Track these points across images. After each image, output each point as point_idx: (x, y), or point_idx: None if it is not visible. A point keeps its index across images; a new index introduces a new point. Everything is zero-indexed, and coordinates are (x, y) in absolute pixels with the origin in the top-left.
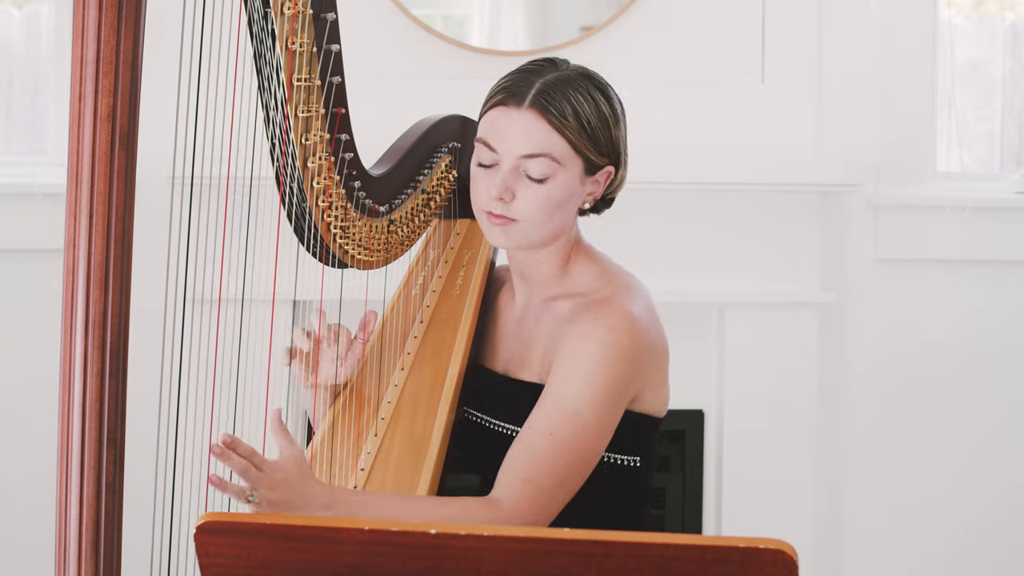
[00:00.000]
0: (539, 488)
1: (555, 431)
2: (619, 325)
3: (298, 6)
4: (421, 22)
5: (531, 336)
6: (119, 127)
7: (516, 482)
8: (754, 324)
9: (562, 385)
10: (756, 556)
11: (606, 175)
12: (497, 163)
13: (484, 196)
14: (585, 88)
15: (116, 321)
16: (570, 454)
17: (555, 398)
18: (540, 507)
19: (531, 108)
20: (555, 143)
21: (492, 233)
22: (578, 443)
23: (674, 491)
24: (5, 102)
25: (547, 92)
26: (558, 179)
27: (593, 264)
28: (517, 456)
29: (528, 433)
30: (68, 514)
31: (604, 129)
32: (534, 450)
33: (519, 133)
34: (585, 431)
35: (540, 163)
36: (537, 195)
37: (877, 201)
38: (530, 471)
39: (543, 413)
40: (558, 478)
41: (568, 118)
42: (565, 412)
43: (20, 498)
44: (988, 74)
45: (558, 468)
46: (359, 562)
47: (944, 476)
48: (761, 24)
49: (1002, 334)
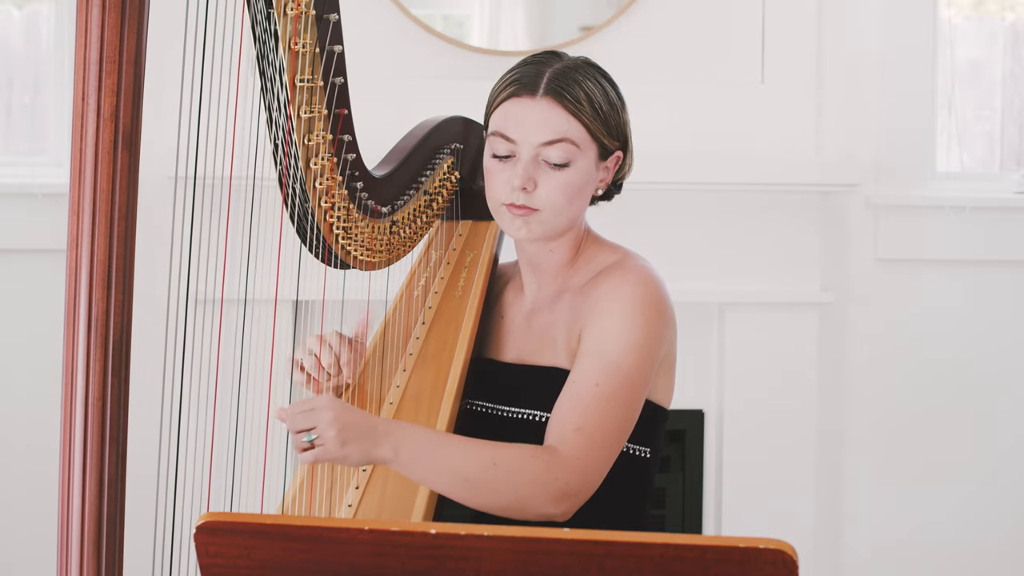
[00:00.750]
0: (592, 436)
1: (600, 382)
2: (645, 279)
3: (301, 7)
4: (421, 22)
5: (548, 324)
6: (122, 126)
7: (568, 432)
8: (754, 324)
9: (600, 339)
10: (756, 556)
11: (615, 160)
12: (515, 153)
13: (504, 188)
14: (591, 75)
15: (118, 320)
16: (616, 403)
17: (595, 352)
18: (594, 455)
19: (546, 96)
20: (573, 127)
21: (513, 225)
22: (623, 392)
23: (674, 491)
24: (5, 102)
25: (559, 79)
26: (578, 164)
27: (603, 245)
28: (566, 408)
29: (573, 387)
30: (70, 512)
31: (614, 113)
32: (582, 401)
33: (537, 121)
34: (628, 380)
35: (560, 148)
36: (559, 182)
37: (877, 201)
38: (581, 421)
39: (585, 368)
40: (609, 425)
41: (583, 103)
42: (607, 364)
43: (22, 496)
44: (988, 74)
45: (608, 417)
46: (359, 562)
47: (944, 475)
48: (761, 24)
49: (1002, 334)
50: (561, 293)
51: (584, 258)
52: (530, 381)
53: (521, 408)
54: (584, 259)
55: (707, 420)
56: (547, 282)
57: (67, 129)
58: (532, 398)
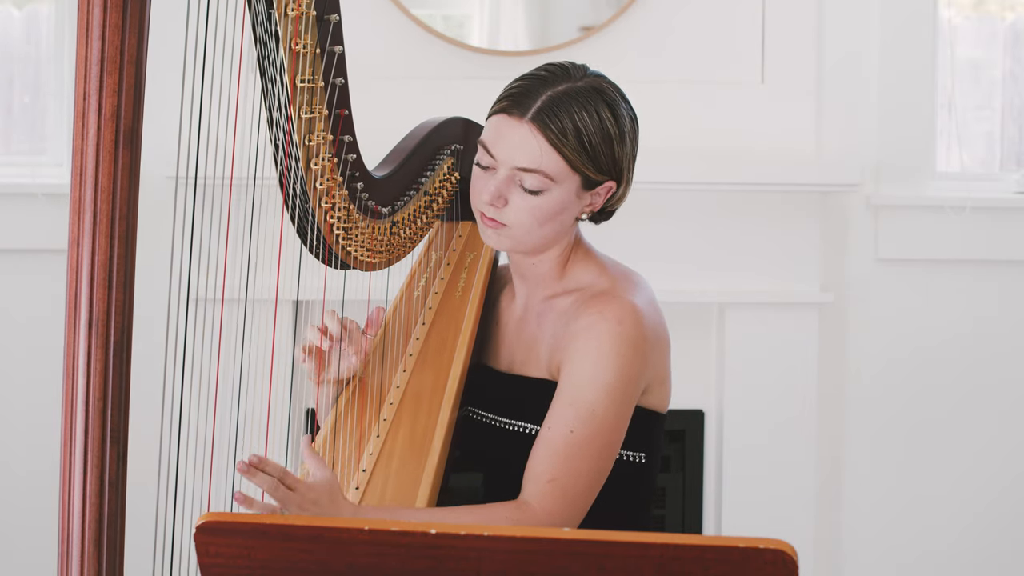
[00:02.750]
0: (565, 487)
1: (574, 428)
2: (625, 316)
3: (302, 8)
4: (421, 22)
5: (533, 335)
6: (123, 126)
7: (542, 483)
8: (754, 324)
9: (575, 382)
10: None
11: (607, 189)
12: (494, 167)
13: (479, 197)
14: (593, 104)
15: (119, 319)
16: (591, 449)
17: (570, 396)
18: (568, 504)
19: (531, 122)
20: (550, 161)
21: (485, 234)
22: (597, 438)
23: (674, 491)
24: (5, 102)
25: (550, 107)
26: (552, 193)
27: (592, 263)
28: (540, 457)
29: (547, 434)
30: (71, 511)
31: (606, 147)
32: (556, 449)
33: (516, 145)
34: (603, 425)
35: (533, 178)
36: (529, 204)
37: (877, 201)
38: (554, 471)
39: (560, 412)
40: (583, 475)
41: (568, 136)
42: (581, 409)
43: (23, 496)
44: (988, 74)
45: (582, 465)
46: (359, 562)
47: (944, 475)
48: (761, 24)
49: (1002, 334)
50: (549, 306)
51: (573, 274)
52: (520, 393)
53: (513, 420)
54: (572, 275)
55: (707, 420)
56: (535, 291)
57: (67, 129)
58: (522, 410)
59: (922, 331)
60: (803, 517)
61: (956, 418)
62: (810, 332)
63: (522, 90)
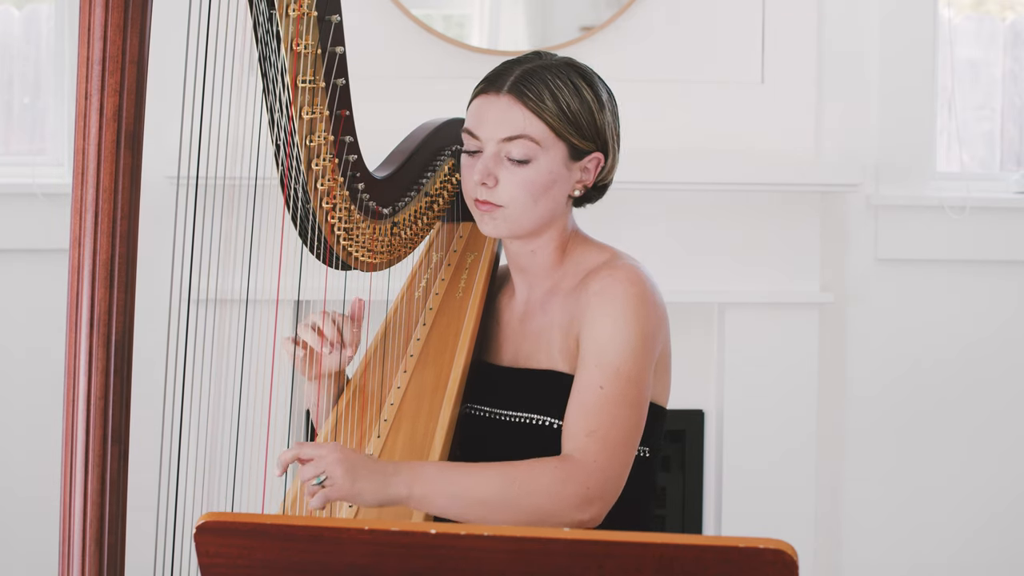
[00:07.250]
0: (605, 437)
1: (604, 385)
2: (635, 278)
3: (303, 8)
4: (421, 22)
5: (541, 326)
6: (125, 126)
7: (581, 438)
8: (754, 324)
9: (597, 344)
10: (756, 556)
11: (595, 162)
12: (481, 150)
13: (470, 184)
14: (566, 74)
15: (121, 319)
16: (623, 404)
17: (595, 358)
18: (610, 454)
19: (508, 93)
20: (533, 125)
21: (481, 221)
22: (628, 392)
23: (674, 491)
24: (5, 102)
25: (525, 78)
26: (540, 162)
27: (590, 245)
28: (575, 417)
29: (578, 396)
30: (72, 510)
31: (586, 113)
32: (588, 406)
33: (498, 118)
34: (630, 380)
35: (520, 145)
36: (520, 178)
37: (877, 201)
38: (590, 424)
39: (587, 374)
40: (619, 423)
41: (546, 101)
42: (606, 369)
43: (24, 495)
44: (988, 74)
45: (618, 413)
46: (359, 562)
47: (944, 475)
48: (761, 24)
49: (1002, 334)
50: (551, 295)
51: (572, 259)
52: (527, 385)
53: (519, 412)
54: (572, 260)
55: (707, 420)
56: (536, 284)
57: (67, 129)
58: (530, 402)
59: (922, 331)
60: (803, 517)
61: (956, 418)
62: (810, 332)
63: (496, 72)
